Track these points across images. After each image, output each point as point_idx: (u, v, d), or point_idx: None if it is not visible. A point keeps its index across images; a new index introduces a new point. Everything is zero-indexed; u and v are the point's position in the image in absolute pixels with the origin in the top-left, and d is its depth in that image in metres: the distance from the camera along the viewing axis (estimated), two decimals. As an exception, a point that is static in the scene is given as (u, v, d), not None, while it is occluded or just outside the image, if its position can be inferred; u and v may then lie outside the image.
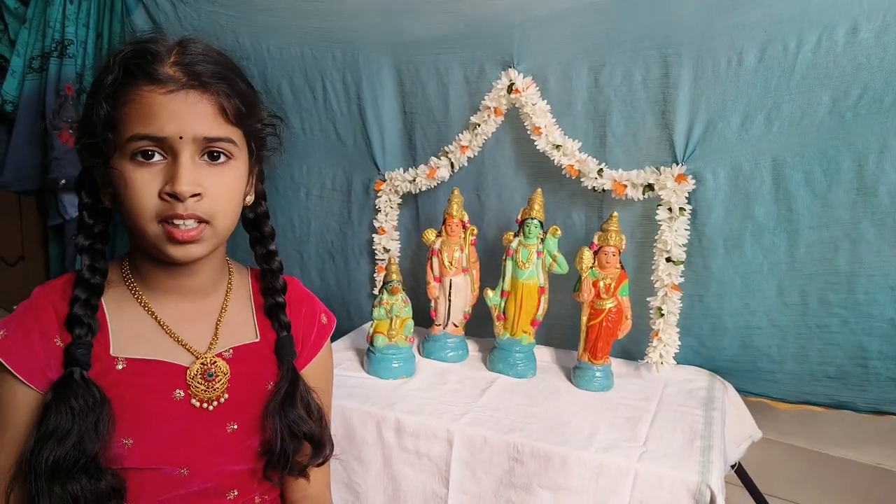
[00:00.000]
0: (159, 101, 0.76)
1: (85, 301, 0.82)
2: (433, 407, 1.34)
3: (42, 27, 2.18)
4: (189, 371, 0.86)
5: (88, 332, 0.82)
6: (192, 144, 0.78)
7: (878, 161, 1.32)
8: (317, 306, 1.04)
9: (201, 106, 0.78)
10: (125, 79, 0.77)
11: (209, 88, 0.78)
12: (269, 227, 0.98)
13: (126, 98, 0.77)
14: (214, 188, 0.80)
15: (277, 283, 0.97)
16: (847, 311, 1.42)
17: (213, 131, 0.79)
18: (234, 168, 0.83)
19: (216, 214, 0.81)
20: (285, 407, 0.91)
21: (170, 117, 0.76)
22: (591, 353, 1.46)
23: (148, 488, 0.83)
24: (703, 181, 1.45)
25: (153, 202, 0.78)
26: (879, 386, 1.45)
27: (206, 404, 0.87)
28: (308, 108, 1.85)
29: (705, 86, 1.42)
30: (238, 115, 0.81)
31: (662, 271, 1.48)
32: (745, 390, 1.60)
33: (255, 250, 0.99)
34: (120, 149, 0.78)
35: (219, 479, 0.88)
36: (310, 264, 2.01)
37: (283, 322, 0.95)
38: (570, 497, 1.17)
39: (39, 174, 2.23)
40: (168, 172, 0.77)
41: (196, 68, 0.78)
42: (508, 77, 1.56)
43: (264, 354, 0.94)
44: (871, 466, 1.90)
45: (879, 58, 1.28)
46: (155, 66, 0.76)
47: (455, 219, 1.56)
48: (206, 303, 0.92)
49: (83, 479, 0.76)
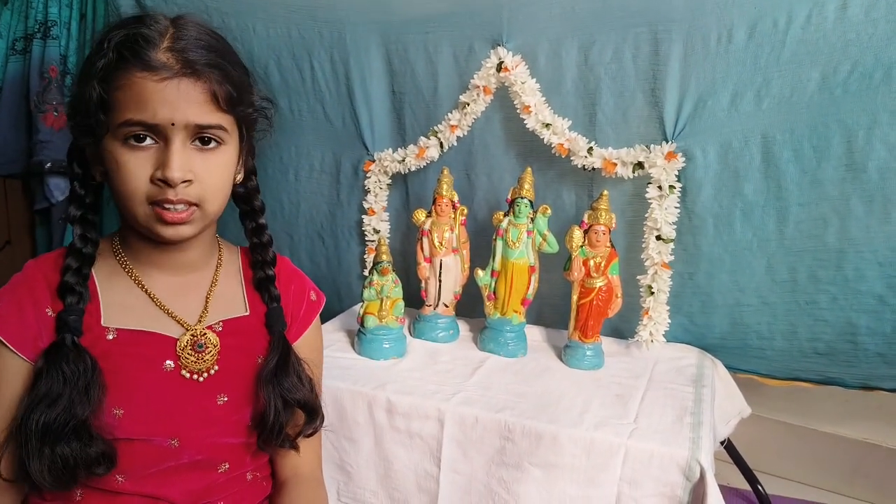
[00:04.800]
0: (152, 87, 0.76)
1: (77, 270, 0.83)
2: (424, 387, 1.34)
3: (24, 8, 2.15)
4: (179, 342, 0.87)
5: (80, 300, 0.83)
6: (184, 131, 0.78)
7: (867, 137, 1.32)
8: (306, 284, 1.05)
9: (194, 93, 0.78)
10: (118, 63, 0.77)
11: (202, 76, 0.79)
12: (260, 201, 0.99)
13: (119, 83, 0.77)
14: (205, 173, 0.81)
15: (268, 255, 0.98)
16: (836, 287, 1.42)
17: (205, 118, 0.80)
18: (224, 153, 0.84)
19: (206, 198, 0.82)
20: (278, 375, 0.91)
21: (162, 104, 0.76)
22: (581, 331, 1.46)
23: (139, 459, 0.84)
24: (693, 159, 1.45)
25: (144, 186, 0.79)
26: (868, 362, 1.46)
27: (197, 375, 0.87)
28: (296, 89, 1.84)
29: (695, 63, 1.41)
30: (230, 102, 0.82)
31: (652, 249, 1.48)
32: (735, 367, 1.61)
33: (245, 224, 1.00)
34: (112, 131, 0.78)
35: (210, 451, 0.89)
36: (299, 246, 2.00)
37: (272, 294, 0.96)
38: (562, 474, 1.17)
39: (25, 157, 2.21)
40: (159, 157, 0.78)
41: (189, 55, 0.78)
42: (497, 55, 1.55)
43: (254, 328, 0.95)
44: (859, 441, 1.93)
45: (869, 33, 1.27)
46: (149, 52, 0.76)
47: (445, 199, 1.55)
48: (197, 277, 0.93)
49: (73, 443, 0.77)
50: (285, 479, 1.01)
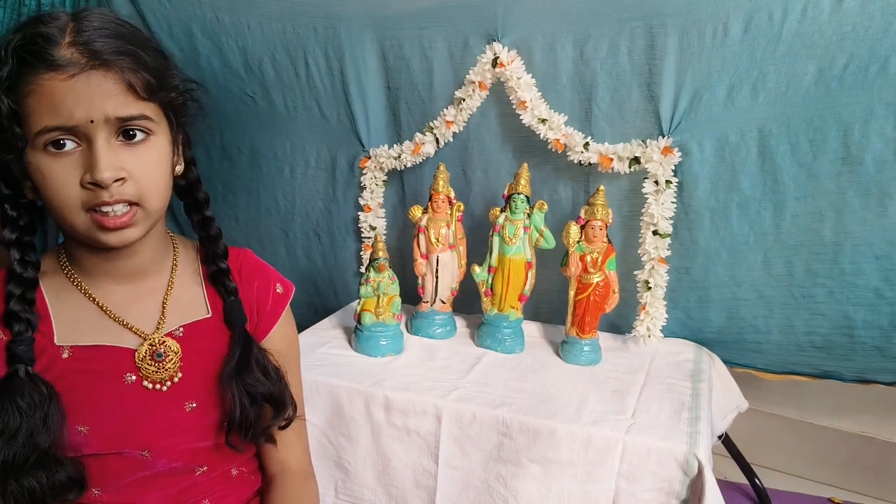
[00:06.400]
0: (61, 87, 0.71)
1: (20, 296, 0.80)
2: (422, 384, 1.34)
3: (17, 5, 2.13)
4: (137, 353, 0.84)
5: (28, 328, 0.79)
6: (105, 127, 0.74)
7: (863, 130, 1.31)
8: (270, 276, 1.00)
9: (107, 85, 0.73)
10: (21, 69, 0.72)
11: (112, 66, 0.73)
12: (203, 193, 0.95)
13: (26, 89, 0.72)
14: (138, 169, 0.76)
15: (218, 248, 0.93)
16: (833, 281, 1.42)
17: (125, 110, 0.75)
18: (154, 144, 0.79)
19: (145, 195, 0.77)
20: (241, 372, 0.88)
21: (76, 102, 0.72)
22: (578, 327, 1.46)
23: (112, 472, 0.82)
24: (690, 153, 1.45)
25: (75, 192, 0.74)
26: (864, 355, 1.46)
27: (160, 385, 0.85)
28: (291, 85, 1.83)
29: (691, 57, 1.41)
30: (149, 89, 0.76)
31: (649, 244, 1.48)
32: (732, 362, 1.61)
33: (192, 217, 0.95)
34: (31, 142, 0.73)
35: (183, 457, 0.87)
36: (295, 243, 1.99)
37: (229, 287, 0.92)
38: (559, 470, 1.17)
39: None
40: (85, 160, 0.74)
41: (94, 46, 0.73)
42: (493, 51, 1.54)
43: (217, 328, 0.91)
44: (856, 434, 1.93)
45: (865, 26, 1.27)
46: (50, 50, 0.71)
47: (441, 195, 1.55)
48: (151, 282, 0.89)
49: (39, 474, 0.75)
50: (274, 473, 0.99)
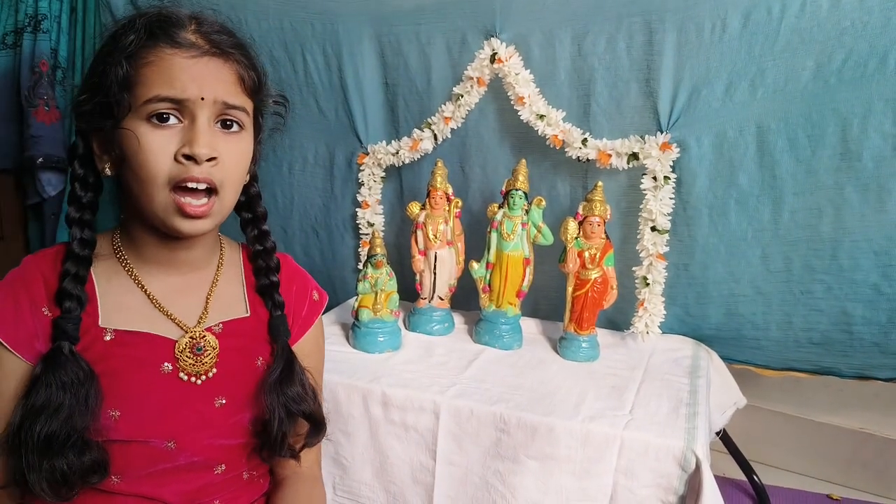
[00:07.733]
0: (181, 64, 0.77)
1: (74, 275, 0.82)
2: (420, 380, 1.34)
3: (14, 2, 2.13)
4: (178, 345, 0.85)
5: (78, 306, 0.81)
6: (211, 108, 0.78)
7: (861, 126, 1.31)
8: (308, 283, 1.03)
9: (223, 72, 0.79)
10: (148, 41, 0.77)
11: (230, 57, 0.80)
12: (262, 207, 0.98)
13: (146, 59, 0.77)
14: (227, 155, 0.80)
15: (271, 262, 0.96)
16: (831, 276, 1.42)
17: (232, 98, 0.80)
18: (244, 139, 0.84)
19: (227, 183, 0.81)
20: (282, 385, 0.90)
21: (191, 80, 0.77)
22: (576, 323, 1.46)
23: (134, 461, 0.83)
24: (688, 149, 1.45)
25: (167, 165, 0.77)
26: (863, 351, 1.46)
27: (195, 378, 0.86)
28: (289, 82, 1.82)
29: (689, 53, 1.41)
30: (253, 87, 0.83)
31: (647, 241, 1.48)
32: (730, 358, 1.61)
33: (247, 232, 0.98)
34: (136, 110, 0.77)
35: (207, 452, 0.87)
36: (294, 240, 1.99)
37: (277, 301, 0.95)
38: (557, 466, 1.17)
39: (16, 153, 2.19)
40: (184, 135, 0.78)
41: (216, 37, 0.80)
42: (491, 47, 1.54)
43: (255, 330, 0.93)
44: (855, 431, 1.93)
45: (863, 21, 1.27)
46: (179, 31, 0.78)
47: (439, 191, 1.55)
48: (198, 276, 0.91)
49: (69, 455, 0.76)
50: (283, 476, 1.00)
